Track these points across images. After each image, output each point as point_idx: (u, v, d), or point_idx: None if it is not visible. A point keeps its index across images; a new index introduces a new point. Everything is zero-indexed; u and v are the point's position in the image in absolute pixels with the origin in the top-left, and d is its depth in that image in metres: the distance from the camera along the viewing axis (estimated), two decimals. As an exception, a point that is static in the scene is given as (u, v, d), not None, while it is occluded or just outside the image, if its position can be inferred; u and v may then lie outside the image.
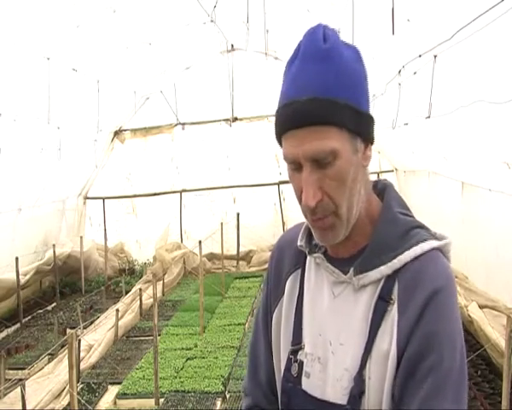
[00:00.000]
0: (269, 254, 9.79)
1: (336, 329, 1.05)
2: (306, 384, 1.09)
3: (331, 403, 1.04)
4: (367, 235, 1.06)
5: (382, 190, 1.13)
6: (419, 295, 0.96)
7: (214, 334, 6.28)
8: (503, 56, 3.40)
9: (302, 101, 0.95)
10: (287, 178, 1.04)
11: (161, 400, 4.69)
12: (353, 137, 0.99)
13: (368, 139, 1.03)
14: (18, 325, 7.12)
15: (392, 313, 0.98)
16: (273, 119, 1.05)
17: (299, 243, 1.16)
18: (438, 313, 0.95)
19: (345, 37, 1.03)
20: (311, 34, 0.98)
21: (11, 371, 5.48)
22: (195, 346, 5.95)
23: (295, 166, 1.00)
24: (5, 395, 5.01)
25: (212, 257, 9.89)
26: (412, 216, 1.08)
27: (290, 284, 1.18)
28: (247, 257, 10.04)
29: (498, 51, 3.41)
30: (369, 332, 1.00)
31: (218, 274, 8.76)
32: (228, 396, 4.75)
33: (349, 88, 0.97)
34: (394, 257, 1.00)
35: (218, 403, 4.64)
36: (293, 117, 0.96)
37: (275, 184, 9.97)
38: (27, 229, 7.83)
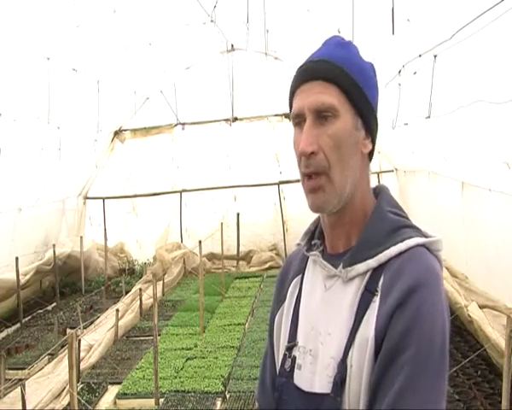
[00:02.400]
0: (269, 254, 9.86)
1: (326, 320, 1.09)
2: (297, 377, 1.11)
3: (316, 394, 1.06)
4: (361, 230, 1.10)
5: (378, 192, 1.18)
6: (399, 287, 0.98)
7: (214, 334, 6.28)
8: (503, 56, 3.40)
9: (315, 61, 1.09)
10: (287, 178, 1.06)
11: (161, 400, 4.69)
12: (355, 113, 1.07)
13: (369, 129, 1.10)
14: (18, 325, 7.12)
15: (376, 304, 1.01)
16: (273, 119, 1.09)
17: (297, 242, 1.23)
18: (417, 307, 0.96)
19: (345, 37, 1.08)
20: (332, 36, 1.14)
21: (11, 371, 5.48)
22: (195, 346, 5.95)
23: (300, 121, 1.08)
24: (5, 395, 5.01)
25: (212, 257, 9.89)
26: (404, 217, 1.11)
27: (292, 289, 1.23)
28: (247, 257, 10.04)
29: (498, 51, 3.41)
30: (354, 321, 1.03)
31: (218, 274, 8.76)
32: (228, 396, 4.75)
33: (360, 73, 1.08)
34: (381, 252, 1.04)
35: (218, 403, 4.64)
36: (305, 72, 1.09)
37: (275, 183, 9.94)
38: (27, 229, 7.83)
